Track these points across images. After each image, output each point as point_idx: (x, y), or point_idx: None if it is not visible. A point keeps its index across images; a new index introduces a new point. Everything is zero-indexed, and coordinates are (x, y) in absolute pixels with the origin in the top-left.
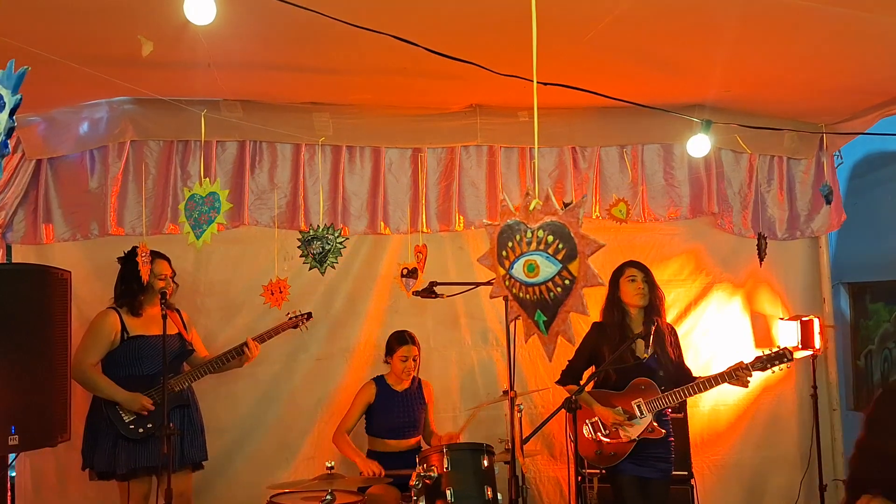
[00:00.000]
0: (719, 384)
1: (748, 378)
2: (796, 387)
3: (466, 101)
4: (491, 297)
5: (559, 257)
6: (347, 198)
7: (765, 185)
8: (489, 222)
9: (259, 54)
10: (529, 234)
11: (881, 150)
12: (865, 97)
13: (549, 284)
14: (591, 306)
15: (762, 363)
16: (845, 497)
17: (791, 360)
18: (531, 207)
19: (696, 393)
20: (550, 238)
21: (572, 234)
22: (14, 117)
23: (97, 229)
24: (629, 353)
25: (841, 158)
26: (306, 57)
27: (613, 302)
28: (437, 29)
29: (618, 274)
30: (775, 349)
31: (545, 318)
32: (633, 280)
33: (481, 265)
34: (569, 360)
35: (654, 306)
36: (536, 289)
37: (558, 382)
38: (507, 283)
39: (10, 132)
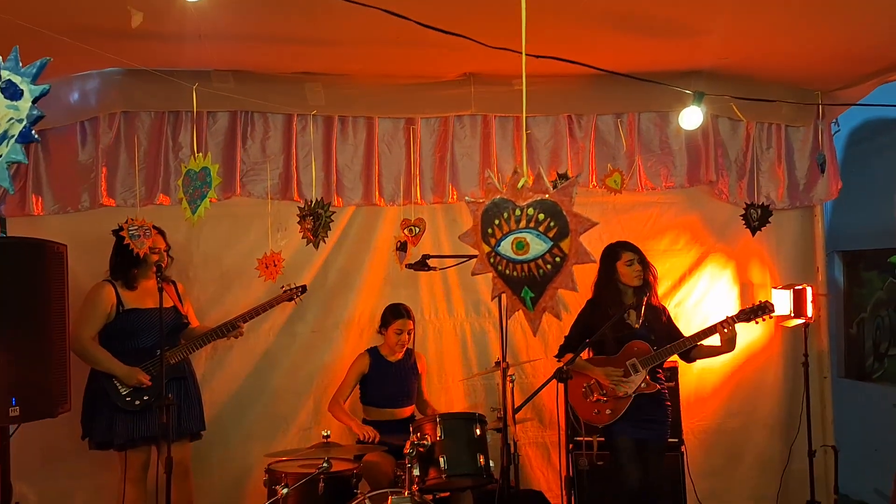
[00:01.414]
0: (707, 336)
1: (732, 328)
2: (783, 354)
3: (460, 70)
4: (473, 274)
5: (550, 235)
6: (341, 169)
7: (762, 153)
8: (472, 199)
9: (250, 24)
10: (518, 212)
11: (879, 117)
12: (863, 64)
13: (539, 262)
14: (582, 282)
15: (746, 315)
16: None
17: (772, 311)
18: (519, 185)
19: (685, 347)
20: (542, 216)
21: (564, 213)
22: (37, 105)
23: (88, 201)
24: (622, 325)
25: (838, 126)
26: (297, 27)
27: (610, 282)
28: None
29: (614, 257)
30: (757, 302)
31: (532, 295)
32: (630, 264)
33: None
34: (565, 336)
35: (648, 283)
36: (525, 266)
37: (556, 357)
38: (492, 260)
39: (36, 120)
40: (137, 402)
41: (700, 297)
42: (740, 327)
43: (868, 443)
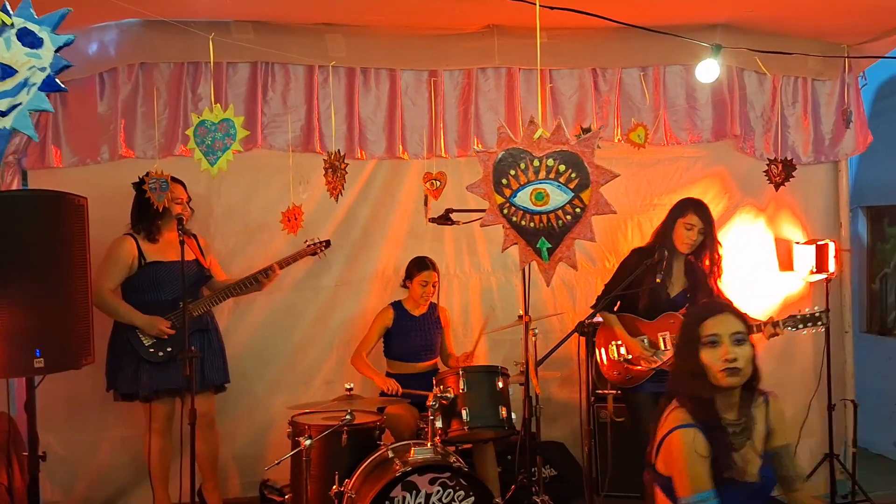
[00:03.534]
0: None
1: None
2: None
3: (483, 22)
4: (482, 225)
5: (571, 186)
6: (363, 121)
7: (788, 107)
8: (481, 149)
9: None
10: (537, 163)
11: None
12: (891, 16)
13: (559, 212)
14: (600, 235)
15: (794, 322)
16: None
17: (826, 324)
18: (536, 136)
19: None
20: (562, 167)
21: (586, 164)
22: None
23: (107, 153)
24: (660, 289)
25: (865, 79)
26: None
27: (664, 237)
28: None
29: (678, 213)
30: (812, 311)
31: (549, 246)
32: (689, 228)
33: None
34: (606, 284)
35: (708, 258)
36: (543, 217)
37: (593, 307)
38: (505, 211)
39: (61, 69)
40: (161, 354)
41: (731, 250)
42: (761, 271)
43: (888, 397)
